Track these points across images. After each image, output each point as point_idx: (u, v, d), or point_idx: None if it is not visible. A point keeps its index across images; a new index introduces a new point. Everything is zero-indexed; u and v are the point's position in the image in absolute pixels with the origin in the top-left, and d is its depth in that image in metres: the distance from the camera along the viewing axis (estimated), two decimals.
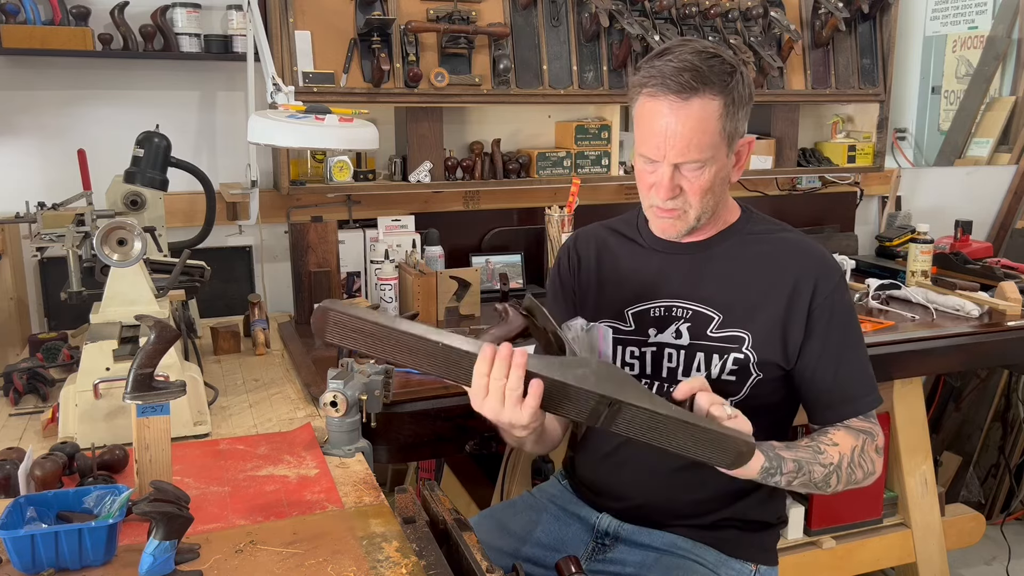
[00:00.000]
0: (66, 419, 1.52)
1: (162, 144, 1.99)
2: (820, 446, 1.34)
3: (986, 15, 3.32)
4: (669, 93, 1.28)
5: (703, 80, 1.27)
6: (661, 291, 1.45)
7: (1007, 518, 3.04)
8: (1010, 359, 2.42)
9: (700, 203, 1.36)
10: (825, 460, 1.33)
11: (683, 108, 1.28)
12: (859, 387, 1.42)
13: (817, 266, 1.42)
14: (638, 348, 1.46)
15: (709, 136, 1.30)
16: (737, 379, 1.40)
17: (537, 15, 2.54)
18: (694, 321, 1.42)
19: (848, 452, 1.35)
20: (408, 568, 1.11)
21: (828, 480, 1.33)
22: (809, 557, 2.30)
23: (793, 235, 1.47)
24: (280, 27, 2.28)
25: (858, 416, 1.42)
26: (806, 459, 1.31)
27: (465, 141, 2.66)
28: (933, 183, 3.39)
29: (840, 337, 1.40)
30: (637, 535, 1.48)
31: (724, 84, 1.29)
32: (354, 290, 2.49)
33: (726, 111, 1.30)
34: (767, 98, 2.83)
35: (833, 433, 1.38)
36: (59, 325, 2.26)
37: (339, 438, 1.49)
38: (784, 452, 1.29)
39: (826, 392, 1.42)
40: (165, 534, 1.05)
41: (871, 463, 1.38)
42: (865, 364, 1.44)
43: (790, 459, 1.29)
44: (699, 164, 1.32)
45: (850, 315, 1.43)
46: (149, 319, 1.28)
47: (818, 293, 1.39)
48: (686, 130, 1.28)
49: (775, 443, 1.30)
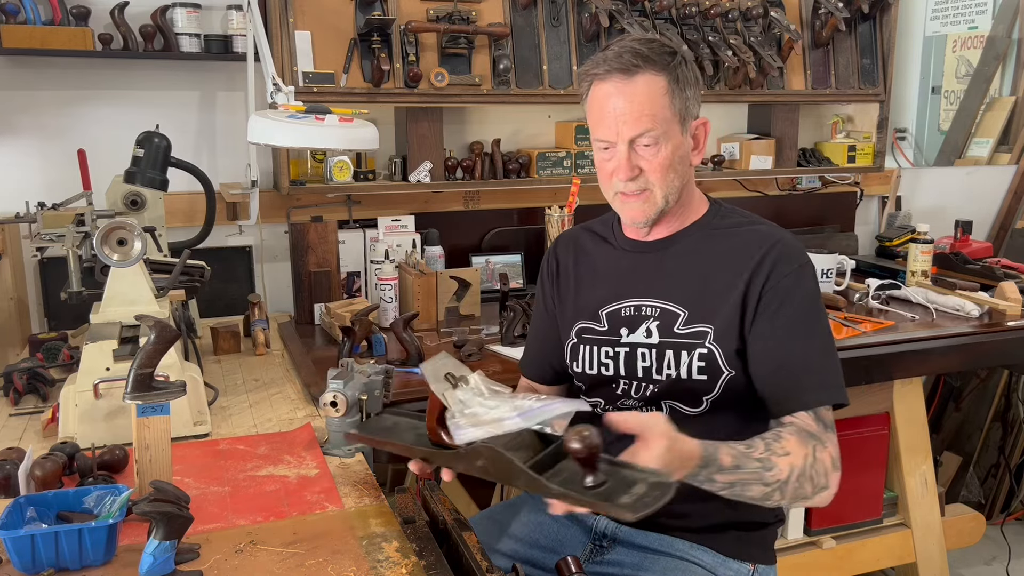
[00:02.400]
0: (66, 419, 1.52)
1: (162, 144, 1.99)
2: (771, 459, 1.25)
3: (986, 15, 3.32)
4: (614, 73, 1.34)
5: (644, 59, 1.33)
6: (630, 290, 1.46)
7: (1007, 518, 3.04)
8: (1010, 359, 2.42)
9: (663, 181, 1.37)
10: (771, 478, 1.24)
11: (629, 85, 1.33)
12: (809, 379, 1.34)
13: (778, 251, 1.38)
14: (611, 348, 1.46)
15: (659, 109, 1.33)
16: (708, 378, 1.38)
17: (537, 15, 2.54)
18: (662, 319, 1.42)
19: (800, 463, 1.26)
20: (408, 568, 1.11)
21: (768, 498, 1.26)
22: (809, 557, 2.30)
23: (763, 227, 1.44)
24: (280, 27, 2.28)
25: (807, 411, 1.32)
26: (744, 480, 1.23)
27: (465, 141, 2.66)
28: (933, 183, 3.39)
29: (792, 322, 1.35)
30: (634, 537, 1.48)
31: (666, 63, 1.34)
32: (354, 290, 2.49)
33: (671, 88, 1.34)
34: (767, 98, 2.83)
35: (787, 439, 1.28)
36: (59, 325, 2.26)
37: (339, 438, 1.50)
38: (726, 460, 1.21)
39: (772, 381, 1.35)
40: (165, 534, 1.05)
41: (824, 477, 1.28)
42: (822, 357, 1.35)
43: (722, 481, 1.21)
44: (653, 139, 1.34)
45: (810, 302, 1.37)
46: (149, 319, 1.28)
47: (773, 275, 1.36)
48: (635, 104, 1.33)
49: (724, 451, 1.21)
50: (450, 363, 1.19)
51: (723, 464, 1.21)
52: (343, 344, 1.89)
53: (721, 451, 1.22)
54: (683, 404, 1.41)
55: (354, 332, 1.89)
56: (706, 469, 1.19)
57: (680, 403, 1.41)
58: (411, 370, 1.91)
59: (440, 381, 1.16)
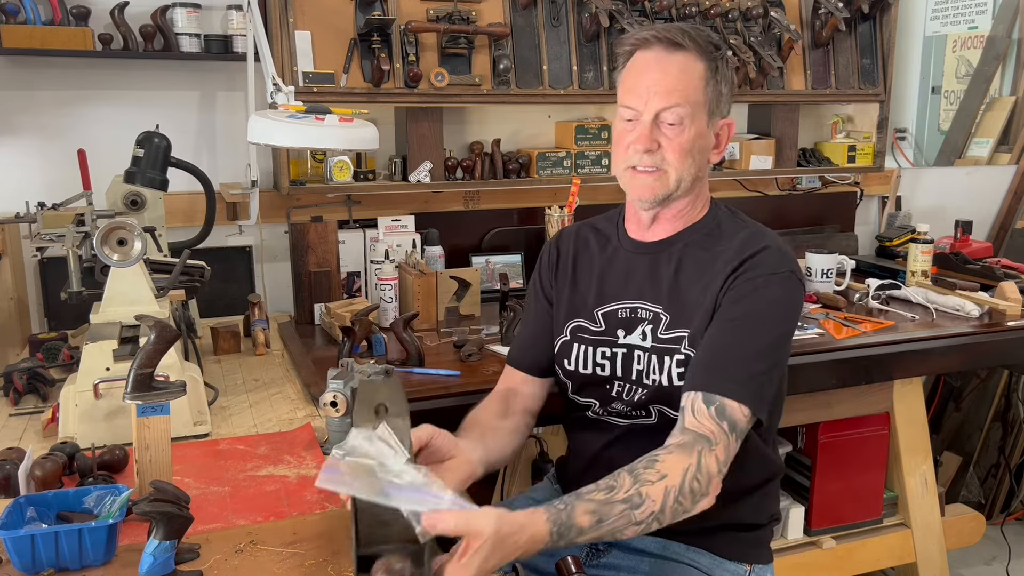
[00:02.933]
0: (66, 419, 1.52)
1: (162, 144, 1.99)
2: (641, 491, 1.17)
3: (986, 15, 3.32)
4: (660, 43, 1.35)
5: (690, 39, 1.34)
6: (627, 291, 1.45)
7: (1007, 518, 3.04)
8: (1010, 359, 2.42)
9: (680, 162, 1.35)
10: (641, 515, 1.16)
11: (669, 58, 1.34)
12: (729, 370, 1.28)
13: (759, 257, 1.35)
14: (609, 349, 1.45)
15: (692, 91, 1.34)
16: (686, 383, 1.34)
17: (537, 15, 2.54)
18: (653, 322, 1.41)
19: (677, 480, 1.19)
20: None
21: (648, 529, 1.18)
22: (809, 557, 2.30)
23: (754, 230, 1.41)
24: (280, 27, 2.28)
25: (709, 403, 1.26)
26: (613, 528, 1.15)
27: (465, 141, 2.66)
28: (933, 183, 3.39)
29: (741, 318, 1.32)
30: (630, 540, 1.46)
31: (709, 52, 1.35)
32: (354, 290, 2.49)
33: (709, 76, 1.35)
34: (767, 98, 2.83)
35: (663, 461, 1.21)
36: (59, 325, 2.26)
37: (339, 438, 1.48)
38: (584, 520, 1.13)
39: (700, 358, 1.32)
40: (165, 534, 1.05)
41: (706, 483, 1.21)
42: (755, 360, 1.30)
43: (588, 539, 1.15)
44: (678, 118, 1.33)
45: (768, 307, 1.32)
46: (149, 319, 1.28)
47: (744, 275, 1.33)
48: (670, 77, 1.33)
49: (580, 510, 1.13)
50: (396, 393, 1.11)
51: (582, 526, 1.13)
52: (343, 344, 1.89)
53: (576, 513, 1.13)
54: (673, 409, 1.38)
55: (354, 332, 1.89)
56: (564, 539, 1.12)
57: (668, 407, 1.40)
58: (411, 370, 1.91)
59: (367, 407, 1.09)
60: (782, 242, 1.41)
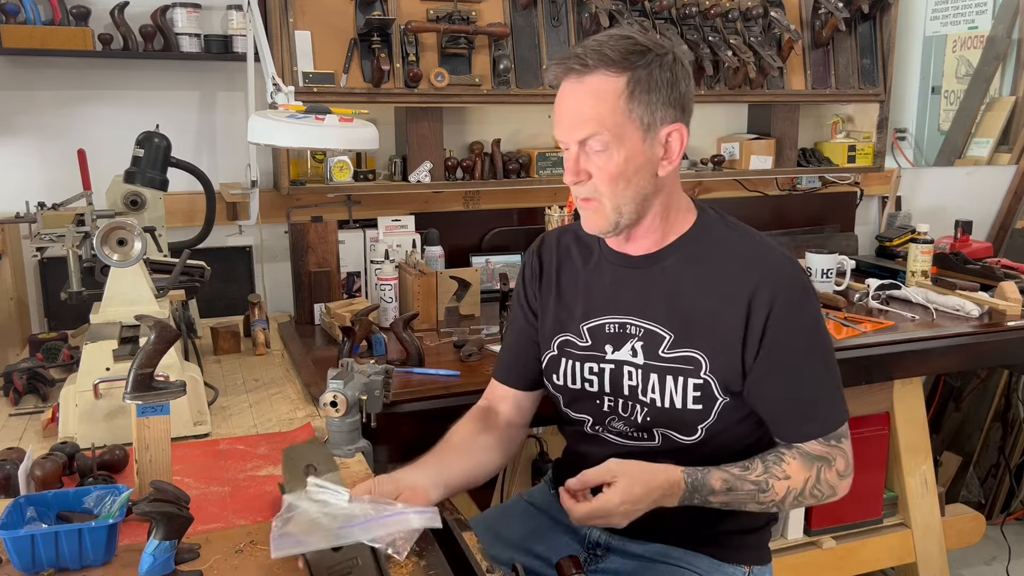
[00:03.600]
0: (66, 419, 1.52)
1: (162, 144, 1.99)
2: (769, 481, 1.30)
3: (986, 15, 3.32)
4: (568, 72, 1.28)
5: (601, 58, 1.25)
6: (614, 306, 1.40)
7: (1007, 518, 3.04)
8: (1010, 359, 2.42)
9: (611, 191, 1.28)
10: (766, 499, 1.30)
11: (579, 85, 1.27)
12: (816, 411, 1.34)
13: (775, 278, 1.31)
14: (596, 364, 1.41)
15: (609, 112, 1.25)
16: (703, 407, 1.34)
17: (537, 15, 2.54)
18: (646, 340, 1.36)
19: (799, 486, 1.31)
20: (408, 568, 1.11)
21: (767, 510, 1.35)
22: (809, 557, 2.30)
23: (751, 240, 1.37)
24: (280, 27, 2.28)
25: (819, 438, 1.34)
26: (740, 500, 1.30)
27: (465, 141, 2.66)
28: (933, 183, 3.39)
29: (798, 355, 1.32)
30: (628, 545, 1.46)
31: (629, 63, 1.25)
32: (354, 290, 2.49)
33: (630, 90, 1.25)
34: (767, 98, 2.83)
35: (788, 463, 1.32)
36: (59, 325, 2.26)
37: (339, 438, 1.49)
38: (717, 483, 1.28)
39: (778, 412, 1.35)
40: (165, 534, 1.05)
41: (829, 488, 1.34)
42: (828, 386, 1.35)
43: (718, 502, 1.29)
44: (603, 144, 1.26)
45: (813, 331, 1.34)
46: (149, 319, 1.28)
47: (776, 309, 1.30)
48: (583, 104, 1.26)
49: (716, 475, 1.29)
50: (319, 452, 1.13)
51: (714, 487, 1.28)
52: (343, 344, 1.89)
53: (712, 477, 1.28)
54: (678, 433, 1.37)
55: (354, 332, 1.89)
56: (697, 494, 1.27)
57: (675, 432, 1.37)
58: (411, 370, 1.91)
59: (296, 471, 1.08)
60: (775, 243, 1.40)
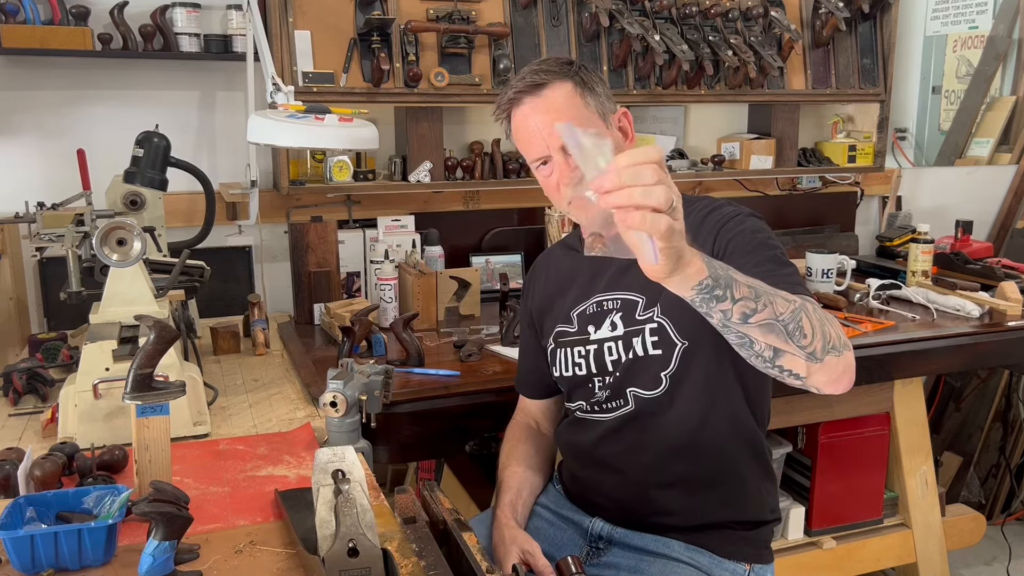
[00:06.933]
0: (66, 419, 1.52)
1: (162, 144, 1.99)
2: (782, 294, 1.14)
3: (986, 15, 3.32)
4: (524, 94, 1.40)
5: (547, 73, 1.40)
6: (593, 288, 1.50)
7: (1007, 518, 3.04)
8: (1010, 359, 2.42)
9: None
10: (788, 297, 1.13)
11: (541, 99, 1.39)
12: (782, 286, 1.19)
13: (714, 213, 1.40)
14: (583, 347, 1.49)
15: (577, 111, 1.38)
16: (663, 352, 1.39)
17: (537, 15, 2.54)
18: (624, 309, 1.44)
19: (811, 306, 1.16)
20: (408, 568, 1.11)
21: (799, 322, 1.11)
22: (809, 557, 2.30)
23: (706, 200, 1.46)
24: (280, 27, 2.28)
25: None
26: (765, 288, 1.11)
27: (465, 141, 2.66)
28: (933, 183, 3.39)
29: (753, 250, 1.32)
30: (630, 538, 1.48)
31: (566, 72, 1.40)
32: (354, 290, 2.49)
33: (580, 90, 1.39)
34: (767, 98, 2.83)
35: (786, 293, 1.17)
36: (59, 325, 2.25)
37: (339, 438, 1.49)
38: (739, 276, 1.08)
39: None
40: (165, 534, 1.05)
41: (836, 326, 1.18)
42: (790, 269, 1.31)
43: (743, 282, 1.08)
44: None
45: (760, 232, 1.35)
46: (149, 319, 1.27)
47: (723, 232, 1.36)
48: (553, 112, 1.38)
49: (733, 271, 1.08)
50: (349, 455, 1.12)
51: (736, 279, 1.06)
52: (343, 344, 1.89)
53: (732, 271, 1.07)
54: (643, 388, 1.42)
55: (354, 332, 1.89)
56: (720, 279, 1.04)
57: (640, 388, 1.43)
58: (411, 370, 1.91)
59: (325, 474, 1.10)
60: (722, 200, 1.47)
